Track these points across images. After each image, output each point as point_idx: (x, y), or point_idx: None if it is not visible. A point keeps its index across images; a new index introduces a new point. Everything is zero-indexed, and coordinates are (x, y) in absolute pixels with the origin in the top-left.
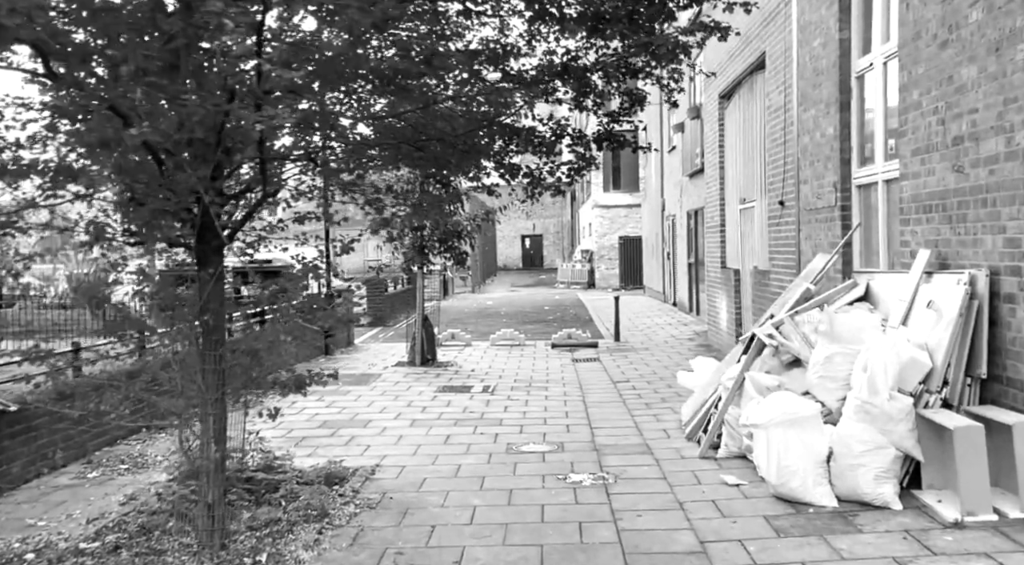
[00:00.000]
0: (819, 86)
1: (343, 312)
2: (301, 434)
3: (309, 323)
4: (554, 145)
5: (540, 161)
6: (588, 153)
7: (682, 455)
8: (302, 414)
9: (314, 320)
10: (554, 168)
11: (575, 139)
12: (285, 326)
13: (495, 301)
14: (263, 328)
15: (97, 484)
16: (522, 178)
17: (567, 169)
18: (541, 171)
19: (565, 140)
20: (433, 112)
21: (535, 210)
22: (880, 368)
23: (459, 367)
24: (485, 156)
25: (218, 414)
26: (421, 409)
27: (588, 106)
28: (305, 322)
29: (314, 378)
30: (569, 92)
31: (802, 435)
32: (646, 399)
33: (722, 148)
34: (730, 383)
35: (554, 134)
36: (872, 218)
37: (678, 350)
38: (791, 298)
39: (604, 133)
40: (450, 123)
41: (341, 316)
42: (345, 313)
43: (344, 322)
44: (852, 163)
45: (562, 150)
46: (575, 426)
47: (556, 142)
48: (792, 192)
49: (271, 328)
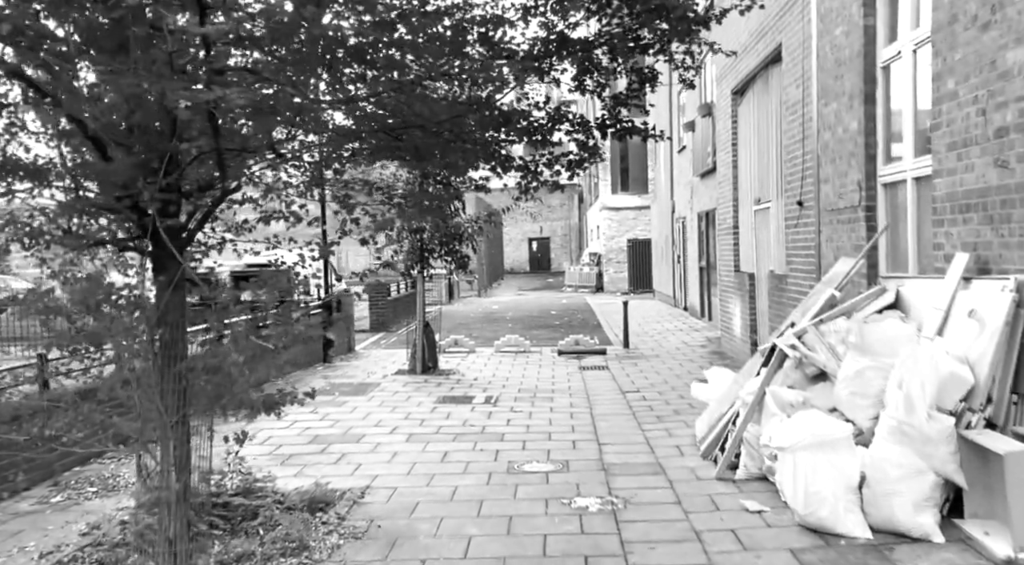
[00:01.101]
0: (841, 78)
1: (300, 330)
2: (289, 450)
3: (265, 341)
4: (551, 131)
5: (536, 153)
6: (591, 142)
7: (697, 476)
8: (293, 427)
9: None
10: (552, 160)
11: (576, 125)
12: (238, 345)
13: (501, 305)
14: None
15: (60, 510)
16: (515, 172)
17: (567, 161)
18: (537, 163)
19: (564, 126)
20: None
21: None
22: (917, 384)
23: (461, 375)
24: (472, 146)
25: (179, 439)
26: (419, 422)
27: (590, 87)
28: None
29: (287, 398)
30: (568, 69)
31: (832, 459)
32: (657, 411)
33: (735, 146)
34: (749, 398)
35: (551, 119)
36: (900, 219)
37: (690, 358)
38: (814, 305)
39: (609, 118)
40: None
41: (298, 335)
42: (303, 332)
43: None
44: (878, 160)
45: (562, 140)
46: (582, 442)
47: (553, 128)
48: (811, 192)
49: (229, 345)
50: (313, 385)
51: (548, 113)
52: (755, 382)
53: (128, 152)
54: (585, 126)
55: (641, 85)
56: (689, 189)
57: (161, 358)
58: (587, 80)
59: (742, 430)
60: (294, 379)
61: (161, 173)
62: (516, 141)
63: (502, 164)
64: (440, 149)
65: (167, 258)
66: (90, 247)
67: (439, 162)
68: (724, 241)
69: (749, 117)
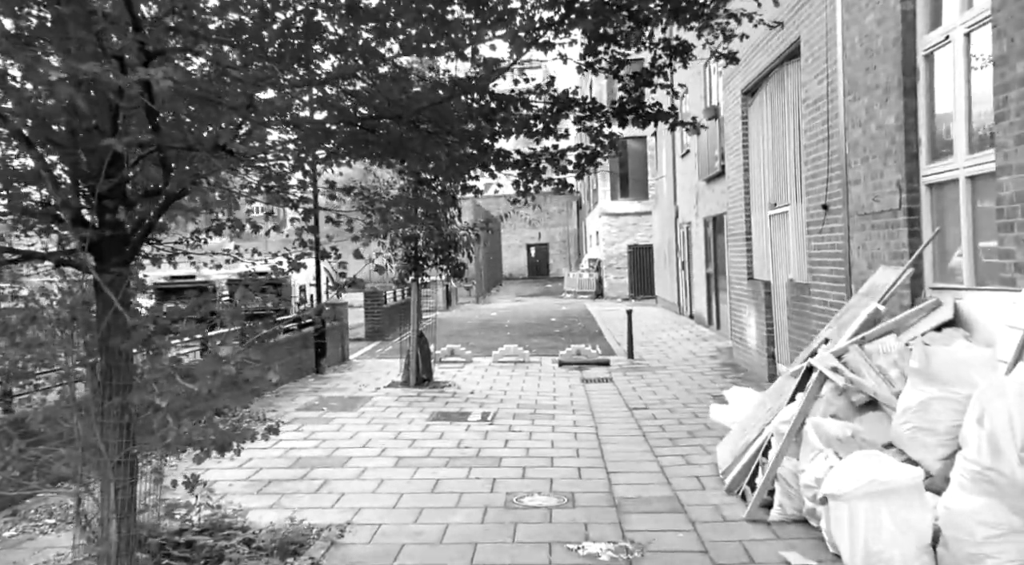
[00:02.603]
0: (873, 70)
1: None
2: (269, 475)
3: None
4: (556, 119)
5: (537, 146)
6: (606, 131)
7: (724, 516)
8: (275, 448)
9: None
10: (556, 155)
11: (587, 110)
12: (160, 388)
13: (499, 312)
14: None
15: (8, 548)
16: (511, 169)
17: (575, 156)
18: (538, 159)
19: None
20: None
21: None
22: (1004, 422)
23: (457, 388)
24: (459, 139)
25: (122, 481)
26: (410, 443)
27: (604, 65)
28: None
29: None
30: (577, 40)
31: (899, 511)
32: (670, 432)
33: (746, 148)
34: (784, 427)
35: (556, 104)
36: (950, 222)
37: (700, 370)
38: (854, 320)
39: (629, 101)
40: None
41: (227, 377)
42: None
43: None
44: (920, 158)
45: (567, 132)
46: (588, 469)
47: (559, 115)
48: (838, 194)
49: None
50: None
51: (552, 97)
52: (790, 409)
53: (63, 151)
54: (598, 112)
55: (671, 58)
56: (694, 194)
57: (102, 388)
58: (600, 54)
59: (777, 465)
60: (283, 392)
61: (102, 176)
62: (512, 133)
63: (495, 160)
64: (420, 143)
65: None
66: (15, 262)
67: (418, 158)
68: (735, 247)
69: (762, 117)
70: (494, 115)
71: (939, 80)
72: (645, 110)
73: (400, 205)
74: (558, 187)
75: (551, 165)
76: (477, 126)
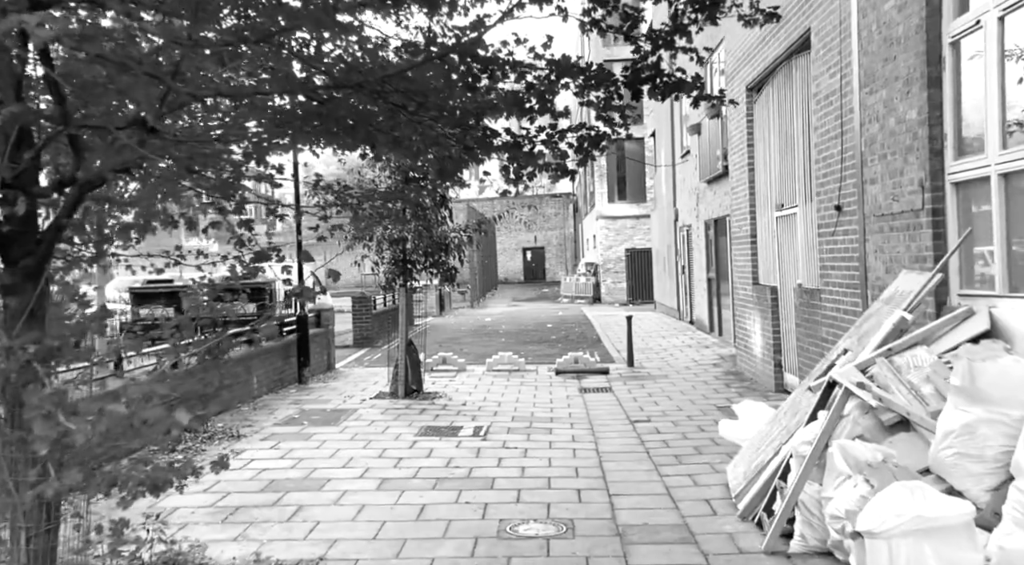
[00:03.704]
0: (893, 60)
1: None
2: (237, 501)
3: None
4: (552, 89)
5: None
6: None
7: (739, 547)
8: (247, 468)
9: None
10: (553, 135)
11: (591, 78)
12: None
13: (494, 317)
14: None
15: None
16: (500, 153)
17: (576, 138)
18: (532, 141)
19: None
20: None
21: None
22: None
23: (448, 399)
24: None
25: (36, 527)
26: (395, 462)
27: (615, 23)
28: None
29: (182, 472)
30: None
31: (945, 550)
32: (675, 448)
33: (751, 147)
34: (805, 449)
35: (554, 70)
36: (979, 224)
37: (703, 379)
38: (875, 329)
39: (646, 68)
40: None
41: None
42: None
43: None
44: (945, 154)
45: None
46: (588, 491)
47: (556, 84)
48: (853, 194)
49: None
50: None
51: (550, 62)
52: (811, 429)
53: None
54: (606, 81)
55: (698, 12)
56: (695, 196)
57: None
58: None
59: (798, 491)
60: (261, 404)
61: (4, 158)
62: (501, 109)
63: (480, 141)
64: (388, 121)
65: (22, 276)
66: None
67: (387, 140)
68: (740, 251)
69: (768, 115)
70: (478, 82)
71: (968, 69)
72: (664, 78)
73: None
74: (556, 173)
75: (548, 148)
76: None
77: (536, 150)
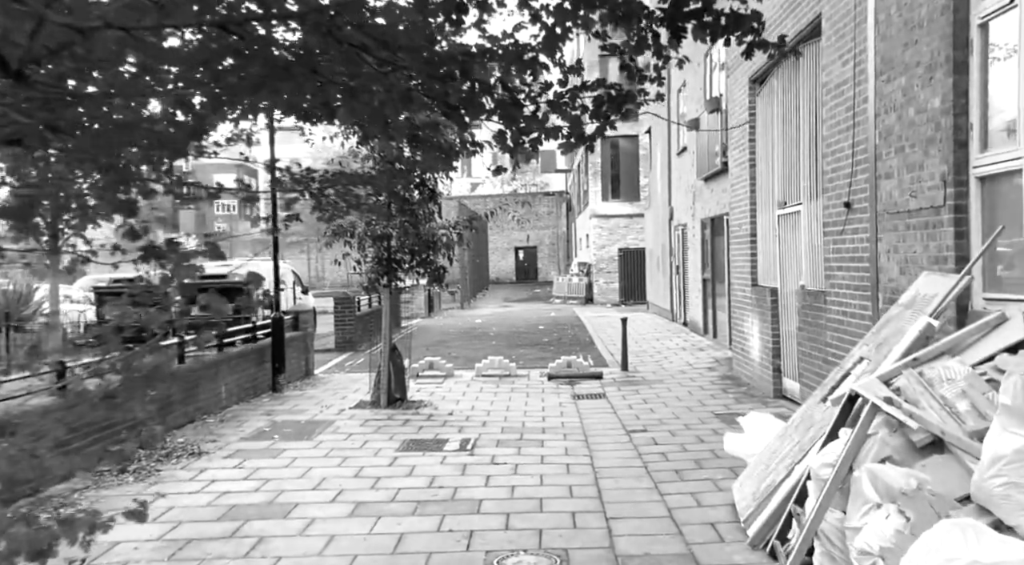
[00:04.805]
0: (913, 45)
1: None
2: (187, 533)
3: None
4: (563, 21)
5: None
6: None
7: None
8: (205, 492)
9: None
10: (564, 94)
11: (618, 10)
12: None
13: (485, 319)
14: None
15: None
16: (494, 115)
17: (593, 99)
18: (535, 99)
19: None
20: None
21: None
22: None
23: (434, 409)
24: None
25: None
26: (372, 482)
27: None
28: None
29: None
30: None
31: None
32: (674, 461)
33: (752, 143)
34: (825, 472)
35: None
36: (1007, 221)
37: (699, 384)
38: (899, 337)
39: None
40: None
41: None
42: None
43: None
44: (971, 146)
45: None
46: (584, 514)
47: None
48: (864, 190)
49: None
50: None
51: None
52: (832, 449)
53: None
54: (637, 15)
55: None
56: (691, 194)
57: None
58: None
59: (818, 520)
60: (230, 415)
61: None
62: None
63: (467, 99)
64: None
65: None
66: None
67: (339, 94)
68: (739, 251)
69: (772, 107)
70: (464, 14)
71: (998, 53)
72: (715, 14)
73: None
74: (568, 141)
75: (556, 111)
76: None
77: (541, 114)
